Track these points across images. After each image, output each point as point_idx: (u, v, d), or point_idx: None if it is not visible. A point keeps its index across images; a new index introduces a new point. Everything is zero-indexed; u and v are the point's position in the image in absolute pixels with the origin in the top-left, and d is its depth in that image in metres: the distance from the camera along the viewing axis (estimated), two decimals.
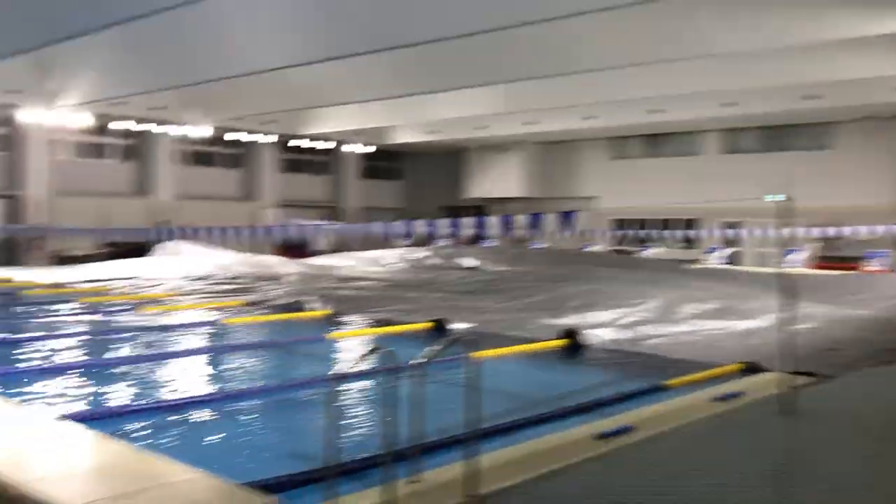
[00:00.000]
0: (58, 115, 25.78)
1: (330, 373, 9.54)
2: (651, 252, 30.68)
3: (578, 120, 30.17)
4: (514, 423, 6.82)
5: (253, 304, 15.33)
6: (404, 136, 35.66)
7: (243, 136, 32.44)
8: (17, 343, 11.15)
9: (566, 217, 11.10)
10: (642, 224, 32.76)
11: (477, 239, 29.55)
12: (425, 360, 5.14)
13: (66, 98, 24.83)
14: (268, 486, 4.69)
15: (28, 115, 25.63)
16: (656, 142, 34.73)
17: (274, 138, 33.45)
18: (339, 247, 31.19)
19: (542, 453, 5.75)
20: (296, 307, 14.79)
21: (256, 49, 18.10)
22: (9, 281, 19.36)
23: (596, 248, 31.46)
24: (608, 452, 5.87)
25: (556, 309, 14.46)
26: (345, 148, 36.78)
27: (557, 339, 11.27)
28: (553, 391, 8.47)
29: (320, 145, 35.12)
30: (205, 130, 30.18)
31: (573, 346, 11.13)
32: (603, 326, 12.42)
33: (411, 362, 5.06)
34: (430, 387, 5.16)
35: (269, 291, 17.01)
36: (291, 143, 34.24)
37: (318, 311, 14.34)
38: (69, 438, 5.20)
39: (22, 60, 20.26)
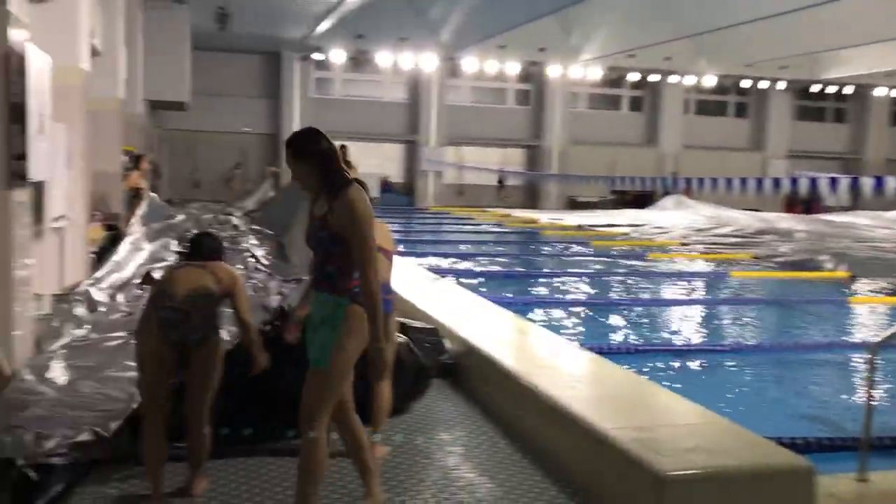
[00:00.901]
0: (574, 70, 27.74)
1: (854, 340, 8.74)
2: None
3: None
4: None
5: (759, 258, 14.72)
6: None
7: (751, 84, 31.01)
8: (538, 276, 12.40)
9: None
10: None
11: None
12: None
13: (583, 53, 26.52)
14: (788, 446, 4.44)
15: (551, 71, 28.04)
16: None
17: (784, 85, 31.36)
18: (857, 204, 28.17)
19: None
20: (808, 265, 13.79)
21: None
22: (534, 222, 21.63)
23: None
24: None
25: None
26: (873, 93, 32.73)
27: None
28: None
29: (837, 90, 31.84)
30: (710, 79, 29.66)
31: None
32: None
33: None
34: None
35: (778, 247, 16.15)
36: (805, 89, 31.67)
37: (835, 271, 13.16)
38: (593, 367, 5.57)
39: (550, 20, 22.05)
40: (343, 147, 3.91)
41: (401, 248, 14.19)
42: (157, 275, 9.41)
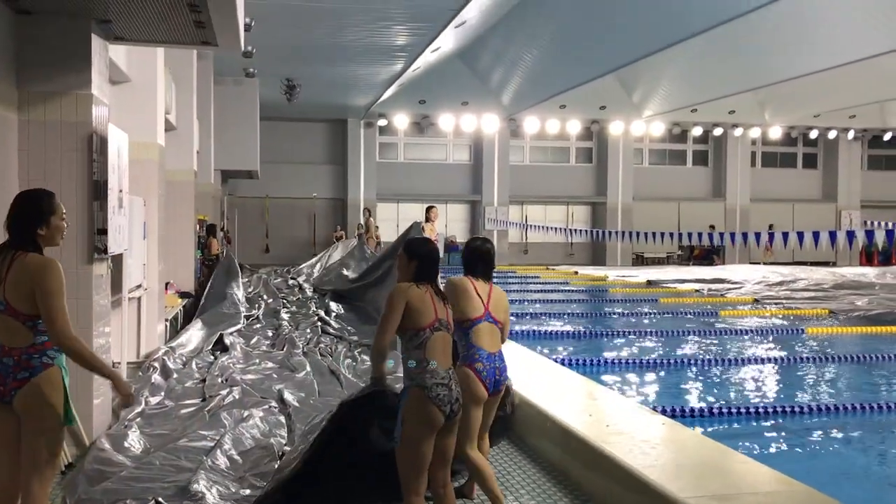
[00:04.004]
0: (636, 126, 27.71)
1: None
2: None
3: None
4: None
5: (837, 313, 14.23)
6: None
7: (819, 134, 30.46)
8: (606, 335, 12.21)
9: None
10: None
11: None
12: None
13: (645, 110, 26.49)
14: None
15: (612, 128, 28.08)
16: None
17: (853, 134, 30.72)
18: None
19: None
20: (888, 319, 13.27)
21: (846, 40, 16.75)
22: (604, 279, 21.42)
23: None
24: None
25: None
26: None
27: None
28: None
29: None
30: (776, 131, 29.28)
31: None
32: None
33: None
34: None
35: (855, 301, 15.61)
36: (876, 137, 30.92)
37: None
38: (666, 431, 5.42)
39: (610, 79, 22.14)
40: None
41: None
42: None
